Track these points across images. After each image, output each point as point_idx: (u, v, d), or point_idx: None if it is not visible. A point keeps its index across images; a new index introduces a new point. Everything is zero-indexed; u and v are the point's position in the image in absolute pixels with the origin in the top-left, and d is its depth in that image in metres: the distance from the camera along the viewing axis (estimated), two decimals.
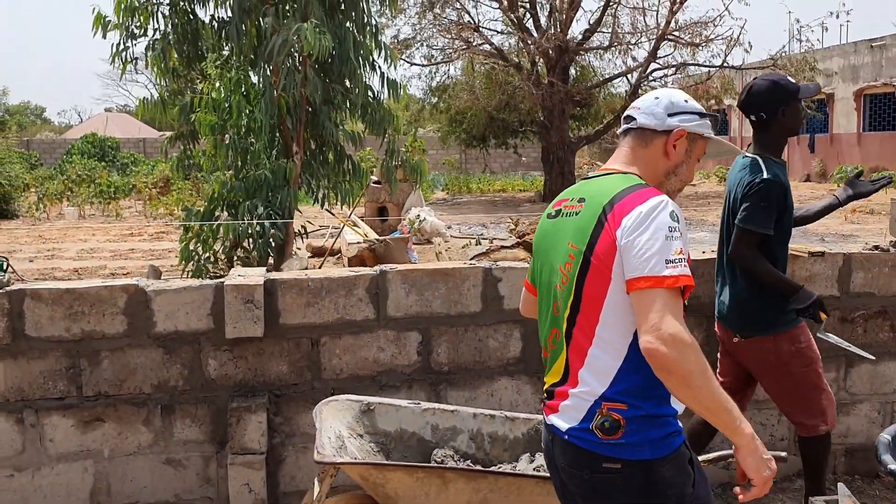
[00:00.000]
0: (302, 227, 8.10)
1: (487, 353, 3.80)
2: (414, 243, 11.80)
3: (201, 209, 7.52)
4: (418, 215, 12.14)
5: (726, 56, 21.08)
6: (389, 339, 3.72)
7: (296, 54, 6.76)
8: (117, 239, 15.10)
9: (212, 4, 7.62)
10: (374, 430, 3.06)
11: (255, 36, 7.23)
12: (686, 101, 2.20)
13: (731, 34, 20.87)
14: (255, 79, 7.47)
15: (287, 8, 6.86)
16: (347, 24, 7.66)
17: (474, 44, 22.23)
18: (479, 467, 2.88)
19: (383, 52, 8.16)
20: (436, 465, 2.82)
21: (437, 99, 24.35)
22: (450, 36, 22.43)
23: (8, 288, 3.45)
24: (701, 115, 2.19)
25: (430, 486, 2.60)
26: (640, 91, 21.98)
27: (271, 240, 7.35)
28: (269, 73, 7.14)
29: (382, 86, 8.15)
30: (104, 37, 7.13)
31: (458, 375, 3.78)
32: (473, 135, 24.89)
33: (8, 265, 8.62)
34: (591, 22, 22.33)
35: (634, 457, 1.95)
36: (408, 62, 22.92)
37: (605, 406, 1.97)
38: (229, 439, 3.50)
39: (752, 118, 3.34)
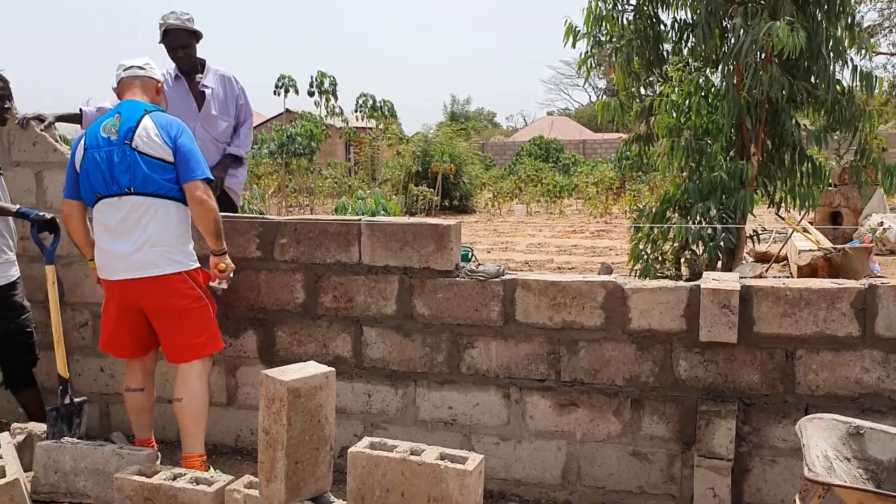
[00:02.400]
0: (754, 230, 7.80)
1: None
2: (875, 254, 10.60)
3: (653, 210, 7.66)
4: (881, 222, 10.86)
5: None
6: (876, 360, 3.40)
7: (759, 53, 6.50)
8: (561, 235, 16.10)
9: (674, 8, 7.69)
10: (863, 456, 2.83)
11: (718, 37, 7.12)
12: None
13: None
14: (715, 80, 7.37)
15: (754, 6, 6.62)
16: (819, 17, 7.16)
17: None
18: None
19: (857, 42, 7.46)
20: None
21: None
22: None
23: (503, 277, 3.90)
24: None
25: None
26: None
27: (722, 243, 7.20)
28: (731, 73, 6.98)
29: (853, 80, 7.46)
30: (573, 46, 7.63)
31: None
32: None
33: (472, 254, 9.77)
34: None
35: None
36: (872, 52, 20.60)
37: None
38: (697, 441, 3.51)
39: None
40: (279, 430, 2.92)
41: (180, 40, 4.78)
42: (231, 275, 3.83)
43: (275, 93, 21.94)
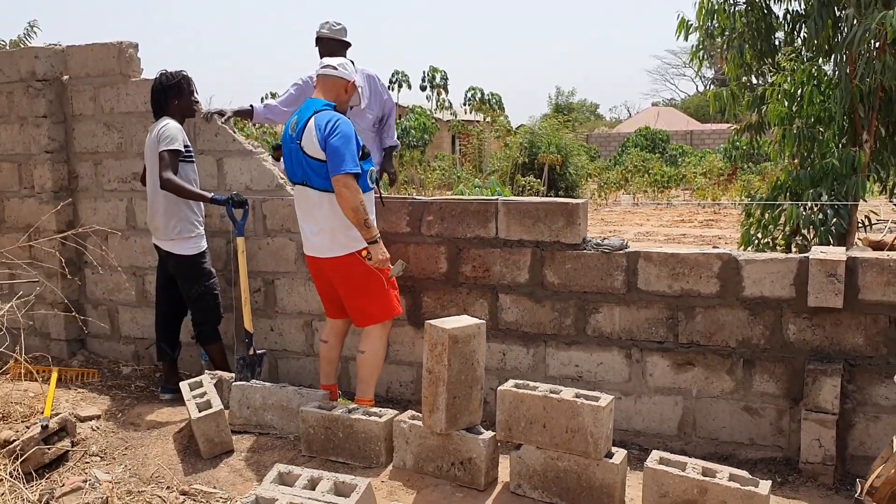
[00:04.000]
0: (866, 217, 7.93)
1: None
2: None
3: (765, 196, 7.91)
4: None
5: None
6: None
7: (873, 41, 6.68)
8: (669, 224, 16.25)
9: (787, 0, 7.91)
10: None
11: (830, 27, 7.31)
12: None
13: None
14: (828, 69, 7.55)
15: None
16: None
17: None
18: None
19: None
20: None
21: None
22: None
23: (626, 249, 4.37)
24: None
25: None
26: None
27: (833, 228, 7.40)
28: (844, 62, 7.17)
29: None
30: (686, 39, 7.96)
31: None
32: None
33: None
34: None
35: None
36: None
37: None
38: (804, 397, 3.90)
39: None
40: (441, 369, 3.51)
41: (329, 48, 5.39)
42: (393, 266, 4.30)
43: (389, 88, 22.83)
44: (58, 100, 5.59)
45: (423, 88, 23.04)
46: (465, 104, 25.47)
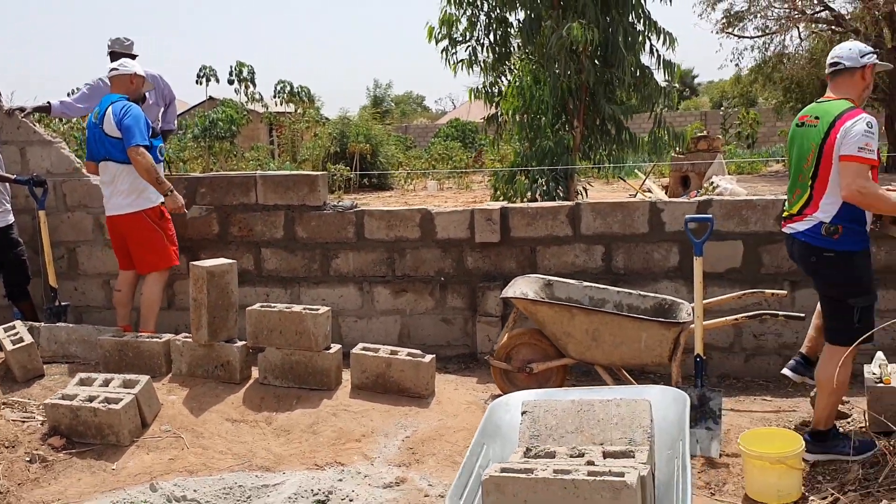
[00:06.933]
0: (583, 188, 9.88)
1: (653, 263, 5.33)
2: None
3: (504, 174, 9.69)
4: (711, 182, 13.16)
5: None
6: (582, 249, 5.44)
7: (568, 47, 8.55)
8: (464, 205, 18.09)
9: (518, 11, 9.71)
10: (552, 297, 4.83)
11: (545, 35, 9.15)
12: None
13: None
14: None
15: (567, 11, 8.65)
16: (630, 18, 9.28)
17: (810, 12, 21.81)
18: (593, 308, 4.50)
19: (662, 36, 9.59)
20: (565, 302, 4.53)
21: (771, 69, 24.14)
22: (786, 5, 22.24)
23: (355, 209, 5.80)
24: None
25: (563, 317, 4.34)
26: None
27: (556, 197, 9.25)
28: (554, 64, 9.02)
29: (659, 66, 9.62)
30: (436, 44, 9.58)
31: (631, 277, 5.37)
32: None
33: None
34: None
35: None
36: (738, 36, 23.17)
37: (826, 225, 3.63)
38: (478, 307, 5.50)
39: None
40: (202, 297, 4.77)
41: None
42: (184, 210, 5.51)
43: (197, 82, 23.37)
44: None
45: (230, 82, 23.80)
46: (275, 97, 26.40)
